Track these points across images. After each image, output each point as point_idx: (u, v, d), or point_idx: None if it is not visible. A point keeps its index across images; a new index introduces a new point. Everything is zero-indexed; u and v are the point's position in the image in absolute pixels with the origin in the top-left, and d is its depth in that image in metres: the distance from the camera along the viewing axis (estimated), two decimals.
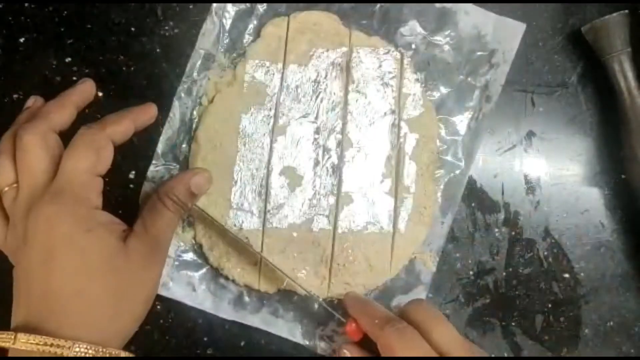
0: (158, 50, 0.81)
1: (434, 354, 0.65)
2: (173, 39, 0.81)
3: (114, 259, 0.65)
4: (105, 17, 0.81)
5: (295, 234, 0.78)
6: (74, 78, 0.80)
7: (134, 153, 0.79)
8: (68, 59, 0.80)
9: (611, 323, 0.83)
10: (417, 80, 0.81)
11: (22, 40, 0.80)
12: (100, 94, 0.80)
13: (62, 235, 0.64)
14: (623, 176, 0.82)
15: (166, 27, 0.81)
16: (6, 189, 0.68)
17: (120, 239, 0.67)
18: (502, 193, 0.83)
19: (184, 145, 0.80)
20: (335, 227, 0.79)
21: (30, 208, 0.65)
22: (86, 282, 0.64)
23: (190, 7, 0.81)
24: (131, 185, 0.80)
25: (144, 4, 0.81)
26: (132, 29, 0.81)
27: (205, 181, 0.74)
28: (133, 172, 0.79)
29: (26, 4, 0.80)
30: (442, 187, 0.81)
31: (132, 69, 0.81)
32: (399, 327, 0.66)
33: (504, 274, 0.82)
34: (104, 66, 0.80)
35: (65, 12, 0.81)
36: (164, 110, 0.80)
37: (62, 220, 0.64)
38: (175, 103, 0.79)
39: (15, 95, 0.80)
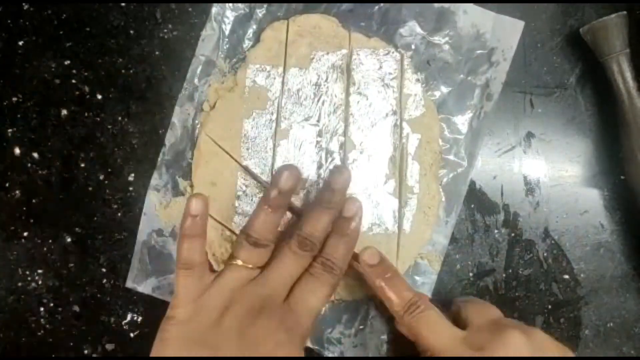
0: (157, 52, 0.81)
1: (459, 334, 0.68)
2: (172, 41, 0.81)
3: None
4: (104, 20, 0.81)
5: None
6: (73, 81, 0.80)
7: (133, 156, 0.80)
8: (67, 62, 0.80)
9: (611, 324, 0.83)
10: (417, 80, 0.81)
11: (21, 43, 0.80)
12: (99, 96, 0.80)
13: None
14: (622, 177, 0.82)
15: (165, 30, 0.81)
16: (250, 265, 0.71)
17: None
18: (502, 194, 0.83)
19: (186, 152, 0.79)
20: None
21: (260, 313, 0.68)
22: None
23: (189, 9, 0.81)
24: (130, 188, 0.80)
25: (142, 6, 0.81)
26: (131, 31, 0.81)
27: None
28: (132, 175, 0.80)
29: (25, 7, 0.80)
30: (445, 186, 0.81)
31: (131, 71, 0.81)
32: (421, 314, 0.70)
33: (504, 275, 0.82)
34: (103, 69, 0.80)
35: (64, 15, 0.80)
36: (164, 113, 0.80)
37: (282, 352, 0.67)
38: (177, 110, 0.79)
39: (14, 99, 0.80)
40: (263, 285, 0.70)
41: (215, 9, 0.79)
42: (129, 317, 0.79)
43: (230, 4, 0.80)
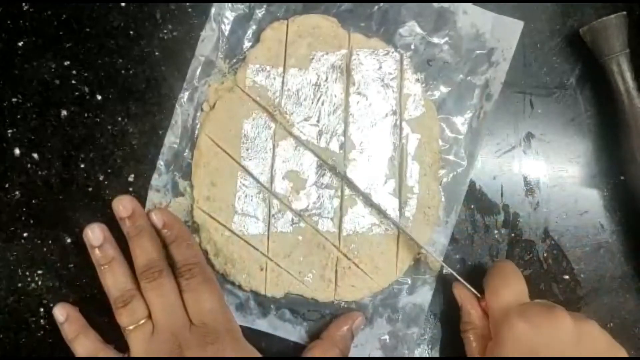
0: (157, 53, 0.81)
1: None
2: (172, 42, 0.81)
3: None
4: (103, 21, 0.81)
5: (300, 238, 0.79)
6: (73, 81, 0.80)
7: (133, 157, 0.80)
8: (67, 63, 0.80)
9: (611, 324, 0.83)
10: (417, 80, 0.81)
11: (20, 43, 0.80)
12: (99, 97, 0.80)
13: None
14: (622, 177, 0.82)
15: (165, 31, 0.81)
16: (142, 321, 0.72)
17: None
18: (502, 195, 0.83)
19: (186, 152, 0.80)
20: (340, 230, 0.79)
21: (181, 349, 0.70)
22: None
23: (189, 10, 0.81)
24: (130, 189, 0.80)
25: (142, 7, 0.81)
26: (131, 32, 0.81)
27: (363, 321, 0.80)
28: (132, 176, 0.80)
29: (25, 7, 0.80)
30: (445, 186, 0.81)
31: (131, 72, 0.81)
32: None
33: None
34: (102, 69, 0.80)
35: (64, 16, 0.80)
36: (164, 113, 0.80)
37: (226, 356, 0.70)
38: (177, 110, 0.79)
39: (14, 99, 0.79)
40: (159, 331, 0.72)
41: (214, 9, 0.79)
42: None
43: (230, 5, 0.80)
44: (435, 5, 0.81)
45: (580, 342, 0.65)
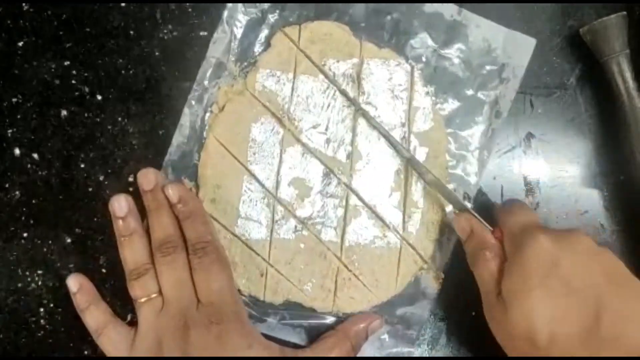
0: (157, 53, 0.81)
1: None
2: (172, 42, 0.81)
3: None
4: (104, 21, 0.80)
5: (302, 246, 0.79)
6: (73, 81, 0.80)
7: (133, 157, 0.80)
8: (67, 63, 0.80)
9: None
10: (427, 93, 0.80)
11: (20, 43, 0.79)
12: (99, 97, 0.80)
13: (231, 352, 0.70)
14: (622, 177, 0.83)
15: (165, 31, 0.81)
16: (153, 295, 0.74)
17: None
18: (502, 195, 0.83)
19: (193, 153, 0.79)
20: (342, 240, 0.79)
21: (187, 326, 0.71)
22: None
23: (189, 10, 0.81)
24: (130, 189, 0.79)
25: (142, 7, 0.80)
26: (131, 32, 0.81)
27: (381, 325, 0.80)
28: (132, 176, 0.80)
29: (25, 7, 0.79)
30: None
31: (131, 72, 0.80)
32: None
33: None
34: (102, 69, 0.80)
35: (64, 16, 0.80)
36: (164, 113, 0.80)
37: (230, 337, 0.70)
38: (186, 111, 0.79)
39: (14, 99, 0.79)
40: (168, 306, 0.73)
41: (227, 12, 0.79)
42: (128, 317, 0.79)
43: (243, 8, 0.79)
44: (447, 17, 0.81)
45: (597, 256, 0.66)
